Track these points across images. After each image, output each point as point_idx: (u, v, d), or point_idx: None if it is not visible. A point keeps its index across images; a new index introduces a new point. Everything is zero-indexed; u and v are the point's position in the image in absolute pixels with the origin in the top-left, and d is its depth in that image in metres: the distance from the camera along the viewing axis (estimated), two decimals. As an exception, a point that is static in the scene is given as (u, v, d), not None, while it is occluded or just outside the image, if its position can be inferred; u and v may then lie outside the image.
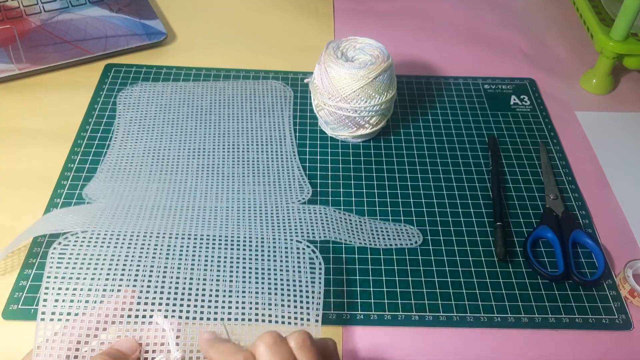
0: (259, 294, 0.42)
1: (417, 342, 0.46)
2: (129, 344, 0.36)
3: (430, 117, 0.65)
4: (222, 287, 0.42)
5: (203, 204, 0.51)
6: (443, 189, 0.57)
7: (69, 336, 0.35)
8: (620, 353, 0.46)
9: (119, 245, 0.43)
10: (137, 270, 0.41)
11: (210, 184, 0.54)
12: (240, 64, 0.70)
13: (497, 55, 0.74)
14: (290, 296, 0.42)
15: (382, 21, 0.79)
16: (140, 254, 0.42)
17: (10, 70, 0.64)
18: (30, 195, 0.54)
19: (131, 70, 0.68)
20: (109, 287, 0.39)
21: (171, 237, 0.45)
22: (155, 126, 0.61)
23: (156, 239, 0.44)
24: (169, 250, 0.44)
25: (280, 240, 0.46)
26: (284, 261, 0.44)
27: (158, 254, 0.43)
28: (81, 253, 0.41)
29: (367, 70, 0.54)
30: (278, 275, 0.43)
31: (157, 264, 0.42)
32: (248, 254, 0.45)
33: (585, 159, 0.61)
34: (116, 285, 0.40)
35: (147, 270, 0.41)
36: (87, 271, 0.40)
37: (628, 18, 0.62)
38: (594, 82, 0.69)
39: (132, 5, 0.74)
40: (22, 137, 0.59)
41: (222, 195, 0.53)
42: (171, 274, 0.41)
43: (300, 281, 0.43)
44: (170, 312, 0.39)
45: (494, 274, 0.50)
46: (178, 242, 0.45)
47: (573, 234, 0.52)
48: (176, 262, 0.43)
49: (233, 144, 0.59)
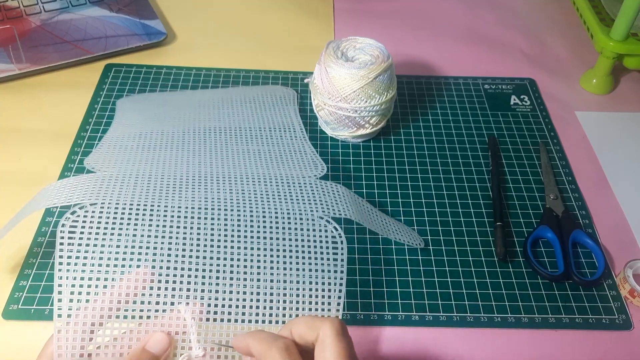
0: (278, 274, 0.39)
1: (417, 342, 0.46)
2: (161, 344, 0.35)
3: (430, 117, 0.65)
4: (241, 268, 0.39)
5: (215, 172, 0.48)
6: (443, 189, 0.57)
7: (89, 317, 0.34)
8: (620, 353, 0.46)
9: (133, 218, 0.39)
10: (155, 246, 0.38)
11: (221, 157, 0.52)
12: (240, 64, 0.70)
13: (497, 55, 0.74)
14: (311, 278, 0.39)
15: (382, 21, 0.78)
16: (157, 228, 0.39)
17: (10, 70, 0.64)
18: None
19: (131, 70, 0.68)
20: (127, 264, 0.37)
21: (187, 209, 0.41)
22: (158, 115, 0.59)
23: (172, 210, 0.41)
24: (185, 222, 0.40)
25: (299, 214, 0.43)
26: (305, 239, 0.41)
27: (175, 228, 0.40)
28: (93, 227, 0.38)
29: (367, 70, 0.54)
30: (299, 255, 0.40)
31: (175, 239, 0.39)
32: (269, 229, 0.41)
33: (585, 159, 0.61)
34: (134, 262, 0.37)
35: (165, 246, 0.38)
36: (101, 248, 0.37)
37: (628, 18, 0.62)
38: (594, 82, 0.69)
39: (132, 5, 0.74)
40: (22, 137, 0.59)
41: (235, 167, 0.50)
42: (190, 251, 0.38)
43: (322, 264, 0.40)
44: (185, 292, 0.37)
45: (494, 274, 0.50)
46: (195, 214, 0.41)
47: (573, 234, 0.52)
48: (195, 236, 0.39)
49: (241, 128, 0.57)
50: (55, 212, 0.52)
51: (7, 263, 0.49)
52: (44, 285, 0.47)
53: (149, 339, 0.35)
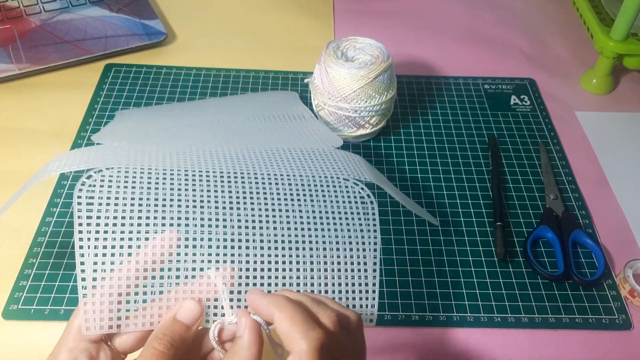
0: (310, 236, 0.37)
1: (417, 342, 0.46)
2: (193, 313, 0.33)
3: (430, 117, 0.65)
4: (271, 230, 0.36)
5: (235, 146, 0.45)
6: (443, 189, 0.57)
7: (115, 286, 0.32)
8: (620, 353, 0.46)
9: (153, 181, 0.37)
10: (180, 209, 0.36)
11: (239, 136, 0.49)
12: (240, 64, 0.70)
13: (497, 55, 0.74)
14: (344, 238, 0.37)
15: (382, 21, 0.78)
16: (180, 192, 0.37)
17: (10, 70, 0.64)
18: (30, 195, 0.54)
19: (131, 70, 0.68)
20: (151, 229, 0.34)
21: (209, 175, 0.39)
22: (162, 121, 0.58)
23: (194, 174, 0.38)
24: (209, 186, 0.38)
25: (324, 176, 0.40)
26: (333, 199, 0.39)
27: (199, 191, 0.37)
28: (112, 191, 0.35)
29: (367, 70, 0.54)
30: (330, 215, 0.38)
31: (200, 202, 0.36)
32: (295, 191, 0.39)
33: (585, 159, 0.61)
34: (159, 226, 0.34)
35: (190, 209, 0.36)
36: (122, 213, 0.34)
37: (628, 18, 0.62)
38: (594, 82, 0.69)
39: (132, 5, 0.74)
40: (22, 137, 0.59)
41: (254, 143, 0.46)
42: (217, 214, 0.36)
43: (354, 223, 0.38)
44: (214, 257, 0.35)
45: (494, 274, 0.50)
46: (218, 178, 0.38)
47: (573, 234, 0.52)
48: (220, 199, 0.37)
49: (252, 118, 0.55)
50: (56, 212, 0.52)
51: (7, 263, 0.49)
52: (44, 285, 0.47)
53: (179, 307, 0.33)
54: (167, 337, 0.31)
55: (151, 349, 0.31)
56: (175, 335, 0.32)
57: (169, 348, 0.31)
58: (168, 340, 0.31)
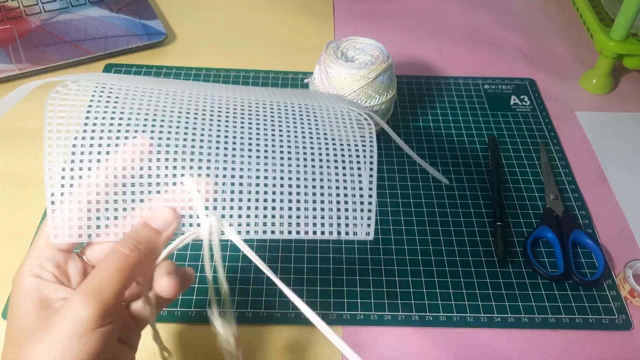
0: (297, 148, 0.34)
1: (417, 342, 0.46)
2: (163, 218, 0.31)
3: (430, 117, 0.65)
4: (254, 141, 0.33)
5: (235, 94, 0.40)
6: (443, 188, 0.57)
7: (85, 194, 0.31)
8: (620, 353, 0.46)
9: (130, 95, 0.34)
10: (155, 118, 0.33)
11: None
12: (240, 64, 0.70)
13: (497, 55, 0.74)
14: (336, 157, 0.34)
15: (382, 21, 0.79)
16: (158, 104, 0.34)
17: (10, 70, 0.64)
18: (30, 195, 0.54)
19: (131, 71, 0.68)
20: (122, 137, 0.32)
21: (199, 95, 0.36)
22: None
23: (174, 94, 0.35)
24: (189, 104, 0.35)
25: (317, 106, 0.36)
26: (325, 114, 0.35)
27: (178, 107, 0.34)
28: (86, 101, 0.33)
29: (367, 71, 0.54)
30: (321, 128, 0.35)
31: (178, 117, 0.33)
32: (284, 113, 0.36)
33: (585, 159, 0.61)
34: (130, 135, 0.32)
35: (165, 122, 0.33)
36: (94, 120, 0.32)
37: (628, 18, 0.62)
38: (594, 82, 0.69)
39: (132, 6, 0.74)
40: (22, 137, 0.59)
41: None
42: (195, 123, 0.33)
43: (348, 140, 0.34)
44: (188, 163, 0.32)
45: (494, 274, 0.50)
46: (207, 100, 0.35)
47: (573, 234, 0.52)
48: (200, 117, 0.34)
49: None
50: (55, 212, 0.52)
51: (7, 263, 0.49)
52: (44, 285, 0.47)
53: (152, 213, 0.31)
54: (132, 240, 0.30)
55: (114, 251, 0.29)
56: (141, 239, 0.30)
57: (132, 250, 0.29)
58: (132, 242, 0.30)
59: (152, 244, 0.31)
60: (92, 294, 0.28)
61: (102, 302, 0.28)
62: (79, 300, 0.27)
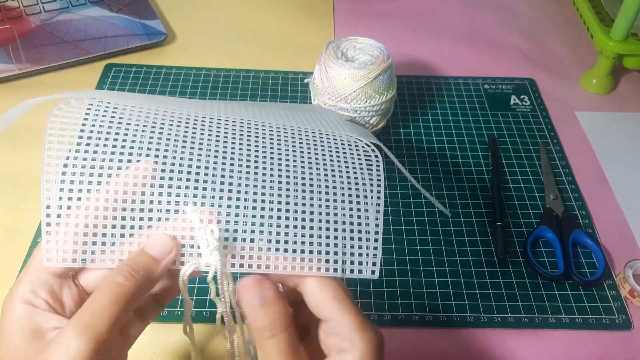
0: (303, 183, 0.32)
1: (417, 342, 0.46)
2: (162, 245, 0.30)
3: (430, 117, 0.65)
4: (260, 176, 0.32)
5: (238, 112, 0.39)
6: (443, 189, 0.57)
7: (82, 218, 0.29)
8: (620, 353, 0.46)
9: (135, 114, 0.33)
10: (160, 142, 0.32)
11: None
12: (240, 64, 0.70)
13: (497, 55, 0.74)
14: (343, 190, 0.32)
15: (382, 21, 0.78)
16: (163, 127, 0.32)
17: (10, 70, 0.64)
18: (30, 195, 0.54)
19: (131, 70, 0.68)
20: (124, 159, 0.31)
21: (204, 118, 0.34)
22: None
23: (179, 116, 0.34)
24: (203, 127, 0.33)
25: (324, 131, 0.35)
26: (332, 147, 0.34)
27: (183, 130, 0.33)
28: (89, 119, 0.32)
29: (367, 70, 0.54)
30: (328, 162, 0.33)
31: (181, 139, 0.32)
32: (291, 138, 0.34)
33: (585, 159, 0.61)
34: (134, 157, 0.31)
35: (170, 146, 0.32)
36: (97, 141, 0.31)
37: (628, 18, 0.62)
38: (594, 82, 0.69)
39: (132, 5, 0.74)
40: (22, 137, 0.59)
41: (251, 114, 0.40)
42: (200, 149, 0.32)
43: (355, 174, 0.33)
44: (191, 191, 0.31)
45: (494, 274, 0.50)
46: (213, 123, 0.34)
47: (573, 234, 0.52)
48: (206, 134, 0.33)
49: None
50: (55, 212, 0.52)
51: (7, 263, 0.49)
52: (44, 285, 0.47)
53: (150, 240, 0.30)
54: (128, 268, 0.28)
55: (109, 280, 0.28)
56: (138, 267, 0.29)
57: (128, 279, 0.28)
58: (129, 270, 0.28)
59: (149, 272, 0.29)
60: (84, 328, 0.26)
61: (95, 337, 0.26)
62: (70, 334, 0.26)
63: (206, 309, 0.47)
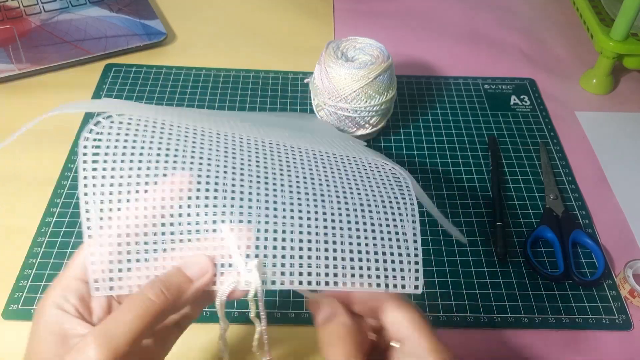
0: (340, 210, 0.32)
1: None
2: (199, 266, 0.29)
3: (430, 117, 0.65)
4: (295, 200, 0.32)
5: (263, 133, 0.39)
6: (443, 189, 0.57)
7: (122, 228, 0.29)
8: (620, 353, 0.46)
9: (166, 131, 0.32)
10: (193, 155, 0.31)
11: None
12: (240, 64, 0.70)
13: (497, 55, 0.74)
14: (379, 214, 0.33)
15: (382, 21, 0.78)
16: (195, 143, 0.32)
17: (10, 70, 0.64)
18: (30, 196, 0.54)
19: (131, 70, 0.68)
20: (160, 173, 0.30)
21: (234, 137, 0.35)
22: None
23: (218, 135, 0.34)
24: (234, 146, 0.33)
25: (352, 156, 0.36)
26: (363, 174, 0.34)
27: (215, 146, 0.33)
28: (121, 137, 0.31)
29: (367, 70, 0.54)
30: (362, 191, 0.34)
31: (217, 158, 0.32)
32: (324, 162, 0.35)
33: (585, 159, 0.61)
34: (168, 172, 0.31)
35: (204, 162, 0.31)
36: (131, 157, 0.31)
37: (628, 18, 0.62)
38: (594, 82, 0.69)
39: (132, 5, 0.74)
40: (22, 137, 0.59)
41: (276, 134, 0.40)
42: (234, 169, 0.32)
43: (389, 199, 0.33)
44: (229, 209, 0.30)
45: (494, 274, 0.50)
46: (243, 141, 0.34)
47: (573, 234, 0.52)
48: (238, 159, 0.33)
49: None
50: (56, 212, 0.52)
51: (7, 263, 0.49)
52: (43, 285, 0.47)
53: (186, 260, 0.30)
54: (161, 284, 0.28)
55: (139, 294, 0.28)
56: (171, 285, 0.28)
57: (158, 296, 0.28)
58: (160, 287, 0.28)
59: (181, 292, 0.29)
60: (105, 339, 0.26)
61: (114, 349, 0.26)
62: (90, 342, 0.26)
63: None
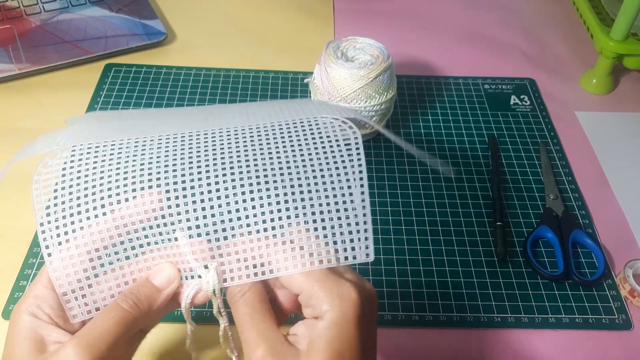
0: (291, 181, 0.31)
1: (417, 342, 0.46)
2: (166, 275, 0.31)
3: (430, 117, 0.65)
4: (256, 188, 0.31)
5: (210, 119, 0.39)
6: (443, 188, 0.57)
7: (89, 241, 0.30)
8: (620, 353, 0.46)
9: (124, 150, 0.33)
10: (151, 171, 0.32)
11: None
12: (240, 64, 0.70)
13: (497, 55, 0.74)
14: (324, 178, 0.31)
15: (382, 21, 0.78)
16: (150, 158, 0.33)
17: (10, 70, 0.64)
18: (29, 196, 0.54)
19: (131, 70, 0.68)
20: (120, 192, 0.31)
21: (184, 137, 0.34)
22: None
23: (166, 140, 0.34)
24: (183, 150, 0.33)
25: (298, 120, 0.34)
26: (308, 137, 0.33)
27: (171, 156, 0.33)
28: (82, 164, 0.33)
29: (367, 70, 0.54)
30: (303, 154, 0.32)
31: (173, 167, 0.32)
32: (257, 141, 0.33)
33: (585, 159, 0.61)
34: (129, 192, 0.31)
35: (161, 174, 0.32)
36: (92, 182, 0.32)
37: (628, 18, 0.62)
38: (594, 82, 0.69)
39: (132, 5, 0.74)
40: (22, 137, 0.59)
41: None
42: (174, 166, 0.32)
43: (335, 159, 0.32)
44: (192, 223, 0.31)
45: (494, 274, 0.50)
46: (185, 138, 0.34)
47: (573, 234, 0.52)
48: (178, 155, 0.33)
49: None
50: (55, 212, 0.52)
51: (7, 263, 0.49)
52: (44, 285, 0.47)
53: (154, 270, 0.31)
54: (132, 296, 0.30)
55: (114, 305, 0.30)
56: (142, 296, 0.30)
57: (132, 307, 0.30)
58: (133, 299, 0.30)
59: (151, 301, 0.31)
60: (86, 345, 0.28)
61: (95, 355, 0.28)
62: (71, 350, 0.28)
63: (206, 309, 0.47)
